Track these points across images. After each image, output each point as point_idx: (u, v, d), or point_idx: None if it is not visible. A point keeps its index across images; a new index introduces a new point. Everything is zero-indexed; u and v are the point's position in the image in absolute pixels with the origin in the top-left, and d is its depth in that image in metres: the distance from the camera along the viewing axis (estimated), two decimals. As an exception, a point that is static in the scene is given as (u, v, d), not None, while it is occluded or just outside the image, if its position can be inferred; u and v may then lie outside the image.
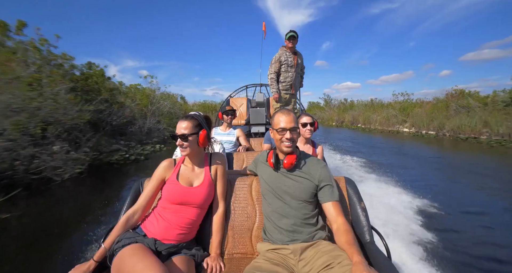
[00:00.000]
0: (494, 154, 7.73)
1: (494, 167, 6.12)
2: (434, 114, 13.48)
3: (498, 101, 11.03)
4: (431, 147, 9.48)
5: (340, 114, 24.96)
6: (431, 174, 5.60)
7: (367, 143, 11.04)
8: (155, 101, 12.61)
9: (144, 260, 0.89)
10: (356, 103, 25.95)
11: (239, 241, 1.27)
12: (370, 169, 5.76)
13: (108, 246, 1.03)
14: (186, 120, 1.19)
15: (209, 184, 1.25)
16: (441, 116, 12.86)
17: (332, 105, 30.30)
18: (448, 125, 12.04)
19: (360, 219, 1.24)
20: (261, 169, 1.30)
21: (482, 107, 11.53)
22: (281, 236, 1.10)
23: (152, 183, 1.21)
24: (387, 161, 6.93)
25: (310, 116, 1.96)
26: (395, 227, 2.90)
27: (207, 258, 1.16)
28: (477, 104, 11.96)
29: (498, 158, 7.24)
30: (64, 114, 5.11)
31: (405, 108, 16.60)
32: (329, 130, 18.82)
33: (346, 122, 22.48)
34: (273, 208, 1.16)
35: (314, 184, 1.15)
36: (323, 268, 0.92)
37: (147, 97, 12.05)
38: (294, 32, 3.30)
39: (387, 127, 16.83)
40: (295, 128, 1.16)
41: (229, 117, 2.67)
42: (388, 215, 3.16)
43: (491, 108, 11.01)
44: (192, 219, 1.17)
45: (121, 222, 1.11)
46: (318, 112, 30.92)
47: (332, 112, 27.26)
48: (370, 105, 23.08)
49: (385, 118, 17.15)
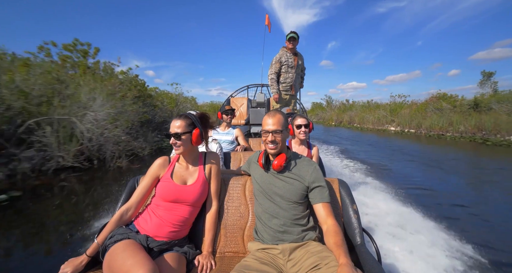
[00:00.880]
0: (448, 146, 10.02)
1: (439, 153, 8.46)
2: (415, 115, 15.74)
3: (464, 104, 13.24)
4: (402, 140, 11.80)
5: (339, 114, 27.25)
6: (377, 154, 7.98)
7: (351, 137, 13.45)
8: (179, 103, 15.35)
9: (135, 256, 0.90)
10: (354, 105, 28.22)
11: (231, 240, 1.28)
12: (342, 154, 8.22)
13: (101, 241, 1.04)
14: (179, 119, 1.21)
15: (203, 182, 1.25)
16: (420, 116, 15.12)
17: (333, 106, 32.65)
18: (424, 124, 14.31)
19: (352, 221, 1.24)
20: (254, 169, 1.30)
21: (452, 109, 13.77)
22: (271, 236, 1.11)
23: (146, 180, 1.21)
24: (355, 148, 9.40)
25: (305, 118, 1.95)
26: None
27: (198, 256, 1.16)
28: (448, 107, 14.17)
29: (447, 148, 9.54)
30: (136, 115, 7.81)
31: (394, 109, 18.86)
32: (328, 129, 21.21)
33: (344, 122, 24.78)
34: (263, 209, 1.17)
35: (304, 186, 1.14)
36: (311, 268, 0.93)
37: (174, 101, 14.79)
38: (294, 33, 3.34)
39: (377, 126, 19.10)
40: (278, 131, 1.14)
41: (228, 117, 2.68)
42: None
43: (458, 110, 13.24)
44: (184, 216, 1.18)
45: (114, 218, 1.12)
46: (320, 112, 33.41)
47: (332, 112, 29.58)
48: (366, 106, 25.33)
49: (376, 119, 19.44)
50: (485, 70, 19.07)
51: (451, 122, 12.60)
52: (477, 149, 8.98)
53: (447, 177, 5.40)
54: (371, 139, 12.83)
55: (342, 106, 31.10)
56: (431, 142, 10.93)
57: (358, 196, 3.72)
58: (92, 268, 1.06)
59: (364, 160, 7.13)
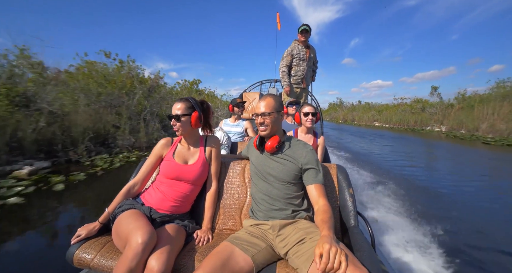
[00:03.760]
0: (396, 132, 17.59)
1: (389, 133, 16.21)
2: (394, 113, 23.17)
3: (417, 107, 20.57)
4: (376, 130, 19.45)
5: (346, 114, 34.88)
6: (356, 139, 15.90)
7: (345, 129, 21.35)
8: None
9: (137, 222, 1.01)
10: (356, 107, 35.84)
11: (229, 218, 1.35)
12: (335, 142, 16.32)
13: (111, 211, 1.16)
14: (180, 102, 1.27)
15: (203, 163, 1.33)
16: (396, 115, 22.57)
17: (344, 107, 40.19)
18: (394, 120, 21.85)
19: (347, 204, 1.28)
20: (251, 152, 1.36)
21: (410, 110, 21.10)
22: (263, 213, 1.16)
23: (150, 159, 1.32)
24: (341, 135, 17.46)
25: (313, 106, 1.93)
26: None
27: (197, 230, 1.24)
28: (419, 107, 21.32)
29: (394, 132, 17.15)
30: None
31: (381, 110, 26.28)
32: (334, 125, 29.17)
33: (348, 120, 32.42)
34: (258, 188, 1.22)
35: (297, 167, 1.17)
36: (297, 243, 0.98)
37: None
38: (306, 26, 3.34)
39: (369, 123, 26.67)
40: (266, 114, 1.17)
41: (240, 109, 2.74)
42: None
43: (414, 111, 20.59)
44: (185, 193, 1.26)
45: (122, 191, 1.23)
46: (333, 112, 41.01)
47: (342, 112, 37.14)
48: (368, 107, 32.63)
49: (367, 117, 27.02)
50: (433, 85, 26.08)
51: (403, 118, 20.16)
52: (408, 132, 16.66)
53: (382, 142, 13.31)
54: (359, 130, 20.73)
55: (351, 107, 38.53)
56: (389, 130, 18.62)
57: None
58: (104, 233, 1.17)
59: (345, 137, 15.24)
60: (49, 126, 5.11)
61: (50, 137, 5.08)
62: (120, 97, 7.44)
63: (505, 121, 11.16)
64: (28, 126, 4.71)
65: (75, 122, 5.57)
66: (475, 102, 14.54)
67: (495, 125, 11.45)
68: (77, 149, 5.24)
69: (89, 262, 0.99)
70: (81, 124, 5.61)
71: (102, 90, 7.07)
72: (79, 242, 1.06)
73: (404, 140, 12.51)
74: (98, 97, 6.75)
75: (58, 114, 5.41)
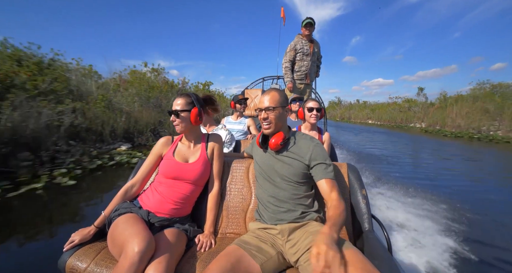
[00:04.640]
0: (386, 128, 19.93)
1: (380, 129, 18.60)
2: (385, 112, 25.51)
3: (405, 107, 22.92)
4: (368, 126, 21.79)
5: (343, 113, 37.29)
6: (348, 134, 18.29)
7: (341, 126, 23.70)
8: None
9: (133, 227, 0.95)
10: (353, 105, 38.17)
11: (233, 221, 1.28)
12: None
13: (107, 214, 1.11)
14: (180, 98, 1.24)
15: (204, 161, 1.27)
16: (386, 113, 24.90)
17: (342, 106, 42.58)
18: (385, 118, 24.22)
19: (360, 206, 1.20)
20: (255, 151, 1.30)
21: (398, 109, 23.46)
22: (270, 217, 1.10)
23: (150, 158, 1.26)
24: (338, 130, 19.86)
25: (317, 101, 1.86)
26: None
27: (199, 235, 1.17)
28: (406, 106, 23.62)
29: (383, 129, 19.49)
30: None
31: (374, 109, 28.63)
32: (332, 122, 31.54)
33: (345, 118, 34.82)
34: (263, 189, 1.16)
35: (304, 164, 1.10)
36: (308, 249, 0.91)
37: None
38: (311, 19, 3.23)
39: (363, 120, 29.05)
40: (271, 108, 1.10)
41: (242, 106, 2.67)
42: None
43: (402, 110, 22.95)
44: (185, 194, 1.19)
45: (119, 193, 1.17)
46: (331, 111, 43.34)
47: (340, 111, 39.51)
48: (363, 106, 34.95)
49: (362, 115, 29.39)
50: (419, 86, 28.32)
51: (392, 116, 22.58)
52: (394, 128, 18.99)
53: (365, 135, 15.65)
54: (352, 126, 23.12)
55: (349, 106, 40.88)
56: (379, 126, 20.99)
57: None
58: (100, 239, 1.10)
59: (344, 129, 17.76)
60: (126, 121, 7.66)
61: (127, 127, 7.61)
62: (161, 99, 9.96)
63: (463, 119, 13.68)
64: (117, 121, 7.25)
65: (140, 118, 8.09)
66: (450, 102, 16.95)
67: (455, 121, 14.02)
68: (143, 136, 7.78)
69: (82, 271, 0.93)
70: (143, 119, 8.14)
71: (151, 94, 9.60)
72: (73, 248, 1.00)
73: (384, 133, 14.90)
74: (148, 100, 9.28)
75: (130, 112, 7.95)
